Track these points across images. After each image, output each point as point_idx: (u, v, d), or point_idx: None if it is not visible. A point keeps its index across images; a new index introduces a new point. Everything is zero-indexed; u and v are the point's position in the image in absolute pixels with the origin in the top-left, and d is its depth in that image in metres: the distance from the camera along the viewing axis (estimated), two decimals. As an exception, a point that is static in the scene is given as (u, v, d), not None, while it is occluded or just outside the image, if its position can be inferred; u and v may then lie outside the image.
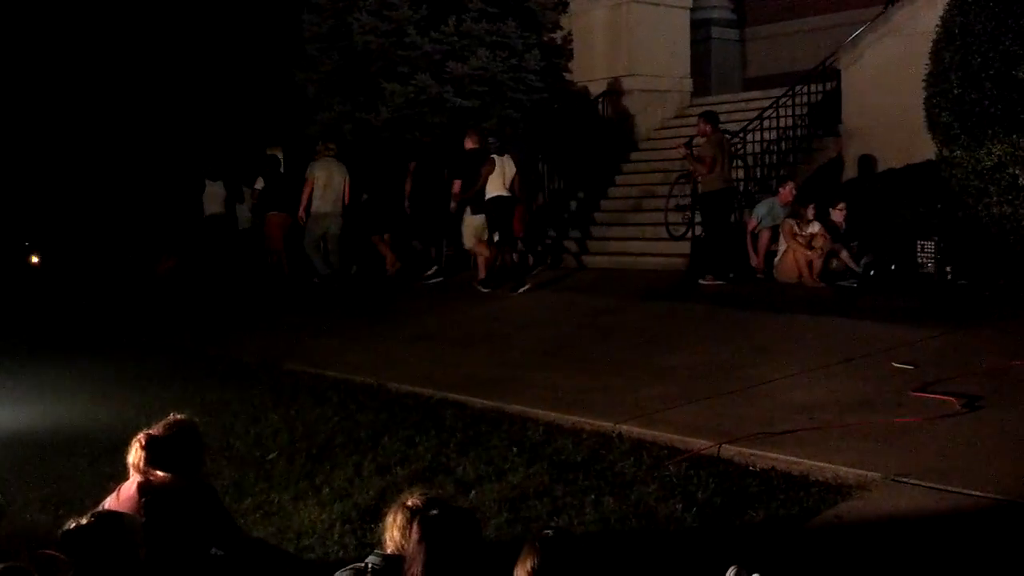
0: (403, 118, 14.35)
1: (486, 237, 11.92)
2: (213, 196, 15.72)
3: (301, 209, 13.34)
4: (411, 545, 3.11)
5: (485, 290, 11.56)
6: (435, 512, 3.18)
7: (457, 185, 12.03)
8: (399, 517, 3.37)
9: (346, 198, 13.47)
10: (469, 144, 12.17)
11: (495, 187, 11.59)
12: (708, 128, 11.26)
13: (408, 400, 7.17)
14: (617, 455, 5.69)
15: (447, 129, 14.16)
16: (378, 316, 10.95)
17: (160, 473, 4.10)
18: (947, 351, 7.36)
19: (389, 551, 3.37)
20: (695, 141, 11.61)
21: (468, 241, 12.26)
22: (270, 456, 6.10)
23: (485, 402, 6.88)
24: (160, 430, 4.20)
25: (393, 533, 3.37)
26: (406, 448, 6.05)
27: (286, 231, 13.78)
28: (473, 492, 5.25)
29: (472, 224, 12.09)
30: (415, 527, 3.12)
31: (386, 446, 6.10)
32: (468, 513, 3.46)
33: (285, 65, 16.28)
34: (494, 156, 11.70)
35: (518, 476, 5.43)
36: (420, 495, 3.42)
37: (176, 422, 4.27)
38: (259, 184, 14.20)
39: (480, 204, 11.79)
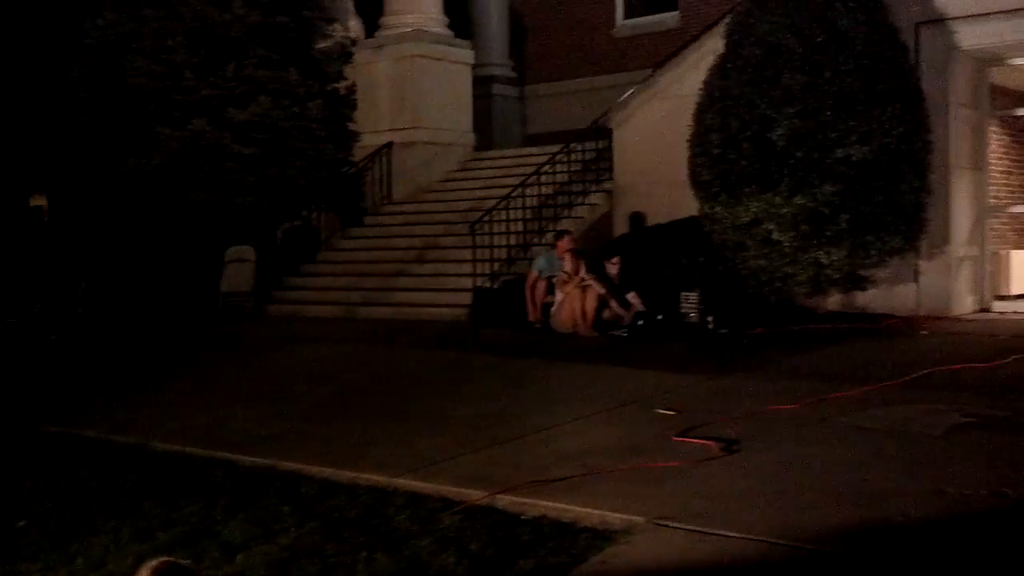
0: (179, 164, 13.87)
1: None
2: None
3: None
4: None
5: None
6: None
7: None
8: None
9: None
10: None
11: None
12: None
13: (175, 460, 6.85)
14: (393, 510, 5.62)
15: (231, 176, 13.84)
16: (152, 370, 10.45)
17: None
18: (708, 397, 7.77)
19: None
20: None
21: None
22: (19, 524, 5.67)
23: (257, 460, 6.66)
24: None
25: None
26: (170, 511, 5.76)
27: None
28: (240, 555, 5.05)
29: None
30: None
31: (148, 510, 5.78)
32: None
33: (54, 107, 15.44)
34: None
35: (289, 537, 5.26)
36: (161, 561, 3.28)
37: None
38: None
39: None
